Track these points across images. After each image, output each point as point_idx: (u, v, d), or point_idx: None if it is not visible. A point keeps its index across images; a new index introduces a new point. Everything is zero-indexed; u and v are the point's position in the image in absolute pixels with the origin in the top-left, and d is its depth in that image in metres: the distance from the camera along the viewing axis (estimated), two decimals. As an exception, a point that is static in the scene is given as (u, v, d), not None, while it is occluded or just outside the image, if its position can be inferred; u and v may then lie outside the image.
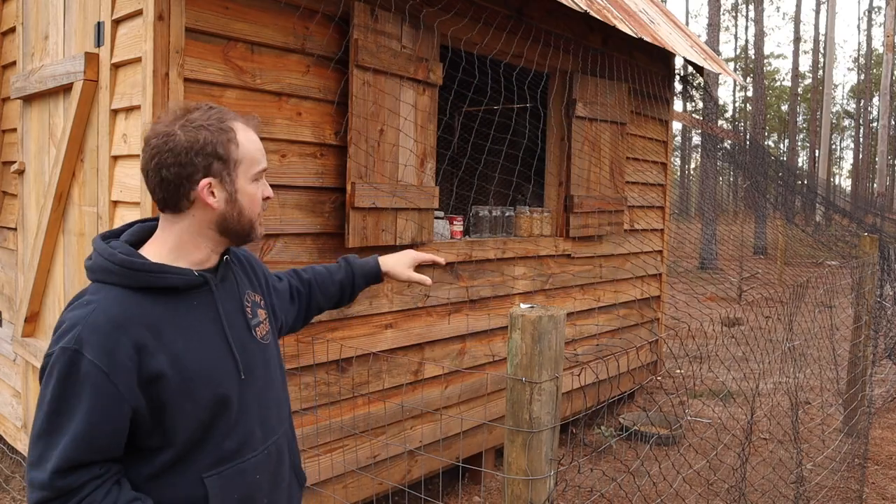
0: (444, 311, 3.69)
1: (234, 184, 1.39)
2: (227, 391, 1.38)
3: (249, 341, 1.46)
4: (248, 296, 1.53)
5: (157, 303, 1.33)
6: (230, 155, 1.37)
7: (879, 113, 21.07)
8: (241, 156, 1.39)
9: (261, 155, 1.44)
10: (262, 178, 1.45)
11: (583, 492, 3.85)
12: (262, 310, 1.56)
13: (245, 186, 1.41)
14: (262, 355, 1.50)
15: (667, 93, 5.53)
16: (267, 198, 1.47)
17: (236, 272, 1.54)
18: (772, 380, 5.48)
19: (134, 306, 1.30)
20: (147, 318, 1.30)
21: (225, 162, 1.37)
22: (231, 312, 1.45)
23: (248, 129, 1.43)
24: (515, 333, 1.60)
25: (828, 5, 21.60)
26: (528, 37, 4.03)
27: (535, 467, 1.60)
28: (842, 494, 3.84)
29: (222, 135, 1.37)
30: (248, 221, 1.43)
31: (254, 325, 1.50)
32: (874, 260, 4.61)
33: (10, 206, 3.67)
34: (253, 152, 1.42)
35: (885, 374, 6.51)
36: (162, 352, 1.29)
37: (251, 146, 1.41)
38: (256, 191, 1.43)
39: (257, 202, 1.44)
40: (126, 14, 2.58)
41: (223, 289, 1.45)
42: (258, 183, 1.44)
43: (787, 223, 11.62)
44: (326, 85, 3.01)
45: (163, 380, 1.28)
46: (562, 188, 4.50)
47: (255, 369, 1.47)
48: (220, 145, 1.36)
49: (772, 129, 41.44)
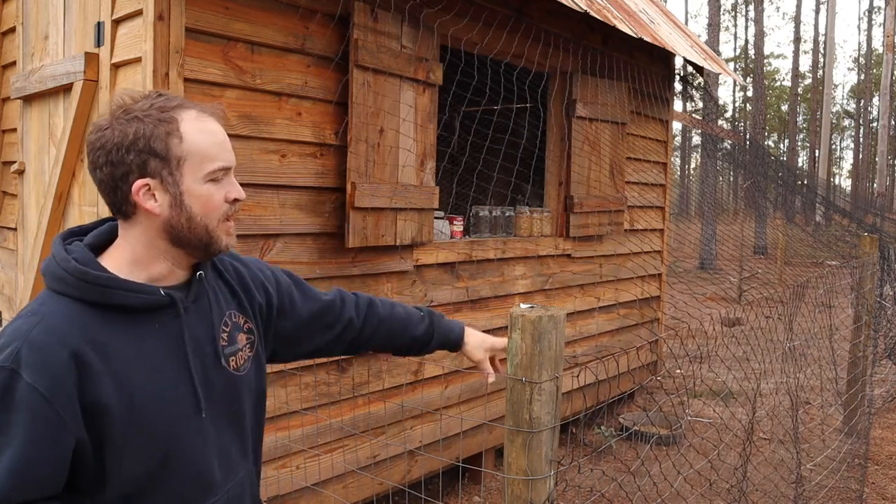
0: (444, 311, 3.69)
1: (178, 185, 1.17)
2: (181, 429, 1.20)
3: (218, 373, 1.27)
4: (228, 318, 1.33)
5: (113, 322, 1.15)
6: (170, 150, 1.16)
7: (879, 113, 21.08)
8: (186, 151, 1.17)
9: (218, 150, 1.21)
10: (224, 177, 1.22)
11: (583, 492, 3.85)
12: (243, 334, 1.35)
13: (194, 187, 1.18)
14: (232, 388, 1.31)
15: (667, 93, 5.53)
16: (235, 199, 1.23)
17: (216, 290, 1.34)
18: (772, 380, 5.48)
19: (85, 324, 1.12)
20: (98, 339, 1.12)
21: (164, 159, 1.16)
22: (200, 339, 1.25)
23: (204, 119, 1.21)
24: (515, 333, 1.60)
25: (828, 5, 21.60)
26: (529, 37, 4.03)
27: (535, 467, 1.60)
28: (842, 494, 3.84)
29: (160, 127, 1.16)
30: (203, 229, 1.20)
31: (227, 354, 1.30)
32: (874, 260, 4.61)
33: (10, 206, 3.67)
34: (204, 146, 1.19)
35: (885, 374, 6.51)
36: (111, 379, 1.11)
37: (202, 139, 1.19)
38: (213, 192, 1.20)
39: (215, 206, 1.20)
40: (126, 14, 2.58)
41: (195, 311, 1.25)
42: (217, 183, 1.21)
43: (787, 223, 11.63)
44: (326, 85, 3.01)
45: (108, 411, 1.10)
46: (562, 188, 4.50)
47: (221, 404, 1.28)
48: (155, 139, 1.15)
49: (772, 129, 41.44)
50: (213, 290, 1.32)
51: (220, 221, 1.22)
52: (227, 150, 1.24)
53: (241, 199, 1.25)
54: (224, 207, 1.22)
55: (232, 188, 1.24)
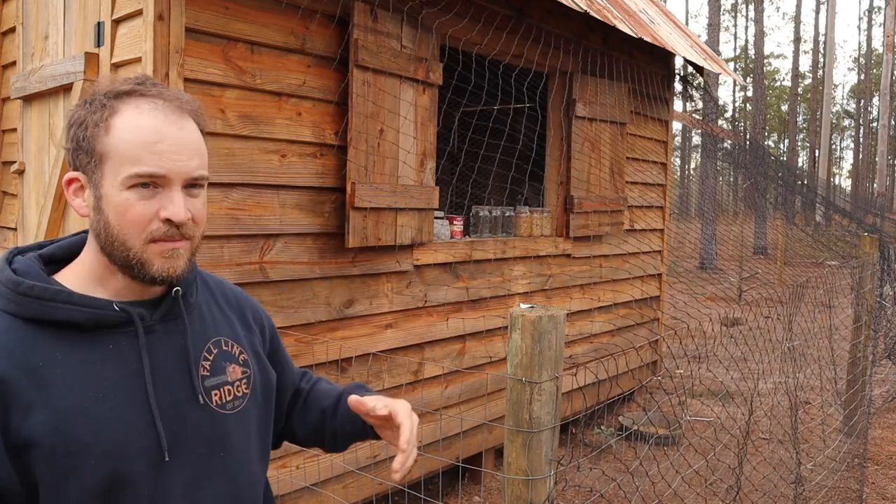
0: (444, 311, 3.69)
1: (98, 185, 1.00)
2: (130, 472, 0.97)
3: (191, 408, 1.05)
4: (214, 345, 1.12)
5: (56, 343, 0.98)
6: (94, 144, 0.99)
7: (879, 113, 21.08)
8: (110, 148, 0.98)
9: (144, 152, 0.97)
10: (158, 187, 0.99)
11: (583, 492, 3.85)
12: (236, 366, 1.13)
13: (111, 193, 0.98)
14: (214, 429, 1.07)
15: (667, 93, 5.53)
16: (167, 220, 0.99)
17: (203, 312, 1.14)
18: (771, 380, 5.49)
19: (18, 345, 0.96)
20: (32, 363, 0.95)
21: (88, 152, 1.00)
22: (165, 365, 1.04)
23: (149, 114, 0.99)
24: (515, 333, 1.60)
25: (828, 5, 21.60)
26: (528, 37, 4.04)
27: (535, 467, 1.60)
28: (842, 494, 3.84)
29: (95, 114, 1.00)
30: (121, 246, 0.99)
31: (208, 387, 1.07)
32: (874, 260, 4.61)
33: (10, 206, 3.67)
34: (127, 146, 0.97)
35: (885, 374, 6.51)
36: (44, 410, 0.94)
37: (128, 136, 0.98)
38: (133, 204, 0.98)
39: (133, 221, 0.98)
40: (126, 14, 2.58)
41: (165, 332, 1.05)
42: (142, 193, 0.98)
43: (786, 223, 11.63)
44: (326, 85, 3.01)
45: (39, 447, 0.93)
46: (562, 188, 4.50)
47: (194, 448, 1.04)
48: (85, 128, 1.00)
49: (772, 129, 41.44)
50: (197, 312, 1.13)
51: (146, 242, 0.99)
52: (164, 156, 0.98)
53: (176, 221, 0.99)
54: (151, 226, 0.99)
55: (169, 205, 0.99)
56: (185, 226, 1.01)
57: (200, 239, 1.07)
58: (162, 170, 0.98)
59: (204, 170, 1.04)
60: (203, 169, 1.04)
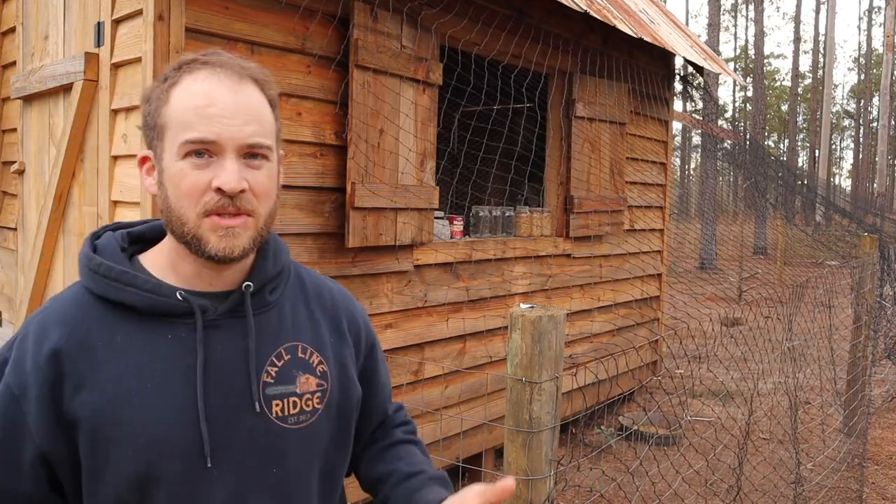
0: (444, 311, 3.69)
1: (161, 159, 0.95)
2: (166, 472, 0.91)
3: (245, 415, 0.96)
4: (287, 350, 1.02)
5: (119, 323, 0.95)
6: (156, 118, 0.94)
7: (879, 113, 21.08)
8: (168, 118, 0.93)
9: (193, 117, 0.91)
10: (210, 155, 0.92)
11: (583, 492, 3.85)
12: (310, 377, 1.02)
13: (169, 164, 0.93)
14: (269, 441, 0.98)
15: (667, 93, 5.53)
16: (219, 189, 0.91)
17: (285, 311, 1.05)
18: (771, 380, 5.49)
19: (83, 319, 0.94)
20: (91, 339, 0.93)
21: (152, 128, 0.96)
22: (224, 364, 0.96)
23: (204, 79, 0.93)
24: (515, 333, 1.60)
25: (828, 5, 21.60)
26: (528, 37, 4.04)
27: (535, 467, 1.60)
28: (842, 494, 3.84)
29: (158, 88, 0.95)
30: (178, 221, 0.93)
31: (269, 396, 0.98)
32: (874, 260, 4.61)
33: (10, 206, 3.67)
34: (180, 112, 0.92)
35: (885, 374, 6.51)
36: (93, 389, 0.91)
37: (181, 103, 0.92)
38: (187, 173, 0.92)
39: (187, 191, 0.92)
40: (126, 14, 2.58)
41: (228, 327, 0.98)
42: (195, 161, 0.92)
43: (787, 223, 11.63)
44: (326, 85, 3.01)
45: (82, 427, 0.91)
46: (562, 188, 4.50)
47: (243, 459, 0.96)
48: (150, 103, 0.96)
49: (772, 129, 41.45)
50: (277, 311, 1.04)
51: (200, 215, 0.92)
52: (214, 119, 0.91)
53: (227, 190, 0.91)
54: (205, 197, 0.92)
55: (221, 172, 0.91)
56: (241, 198, 0.92)
57: (268, 217, 0.99)
58: (211, 134, 0.91)
59: (264, 138, 0.95)
60: (262, 136, 0.94)
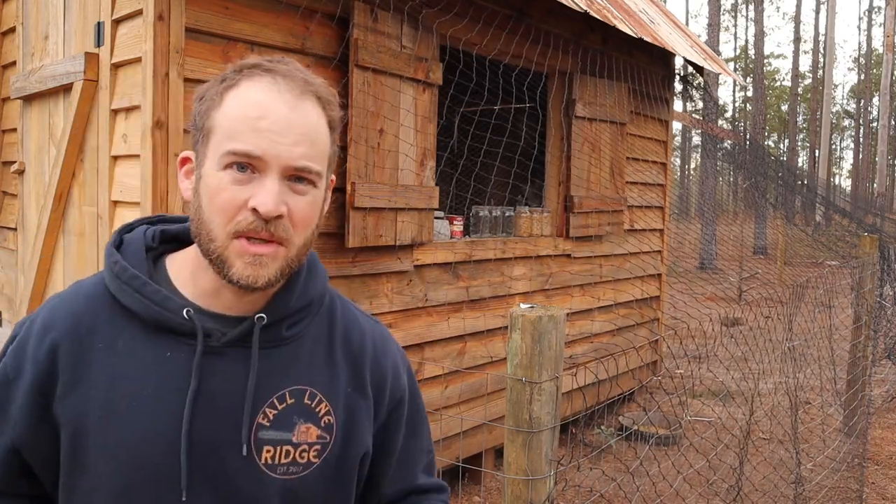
0: (444, 310, 3.69)
1: (202, 164, 0.88)
2: (139, 497, 0.86)
3: (231, 455, 0.88)
4: (293, 394, 0.92)
5: (124, 328, 0.89)
6: (205, 119, 0.88)
7: (879, 113, 21.09)
8: (216, 122, 0.86)
9: (244, 127, 0.84)
10: (255, 170, 0.84)
11: (583, 492, 3.85)
12: (312, 427, 0.93)
13: (209, 172, 0.86)
14: (251, 488, 0.89)
15: (667, 93, 5.53)
16: (254, 210, 0.83)
17: (301, 350, 0.95)
18: (772, 380, 5.49)
19: (90, 315, 0.89)
20: (93, 340, 0.88)
21: (199, 129, 0.89)
22: (220, 396, 0.88)
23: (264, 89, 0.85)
24: (515, 333, 1.60)
25: (828, 5, 21.61)
26: (528, 37, 4.03)
27: (535, 467, 1.60)
28: (842, 494, 3.84)
29: (215, 87, 0.89)
30: (207, 235, 0.86)
31: (262, 439, 0.90)
32: (874, 260, 4.61)
33: (10, 206, 3.67)
34: (232, 120, 0.85)
35: (885, 374, 6.51)
36: (81, 394, 0.86)
37: (233, 109, 0.85)
38: (226, 186, 0.84)
39: (221, 205, 0.84)
40: (126, 14, 2.58)
41: (233, 357, 0.90)
42: (236, 175, 0.84)
43: (787, 223, 11.64)
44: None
45: (64, 430, 0.87)
46: (562, 188, 4.50)
47: (218, 499, 0.88)
48: (203, 101, 0.89)
49: (772, 129, 41.45)
50: (293, 348, 0.94)
51: (230, 234, 0.84)
52: (263, 134, 0.83)
53: (262, 212, 0.83)
54: (239, 215, 0.84)
55: (259, 191, 0.83)
56: (276, 224, 0.84)
57: (303, 248, 0.91)
58: (258, 149, 0.83)
59: (314, 162, 0.86)
60: (312, 160, 0.86)
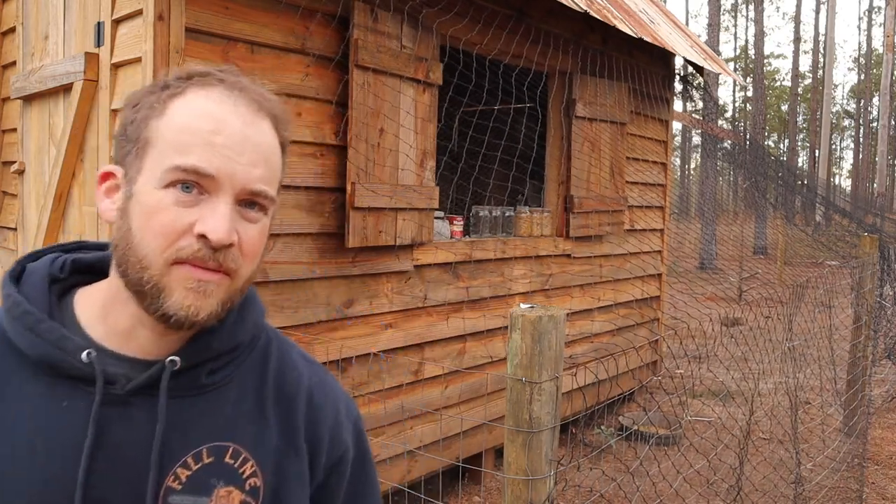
0: (444, 310, 3.69)
1: (133, 180, 0.75)
2: None
3: None
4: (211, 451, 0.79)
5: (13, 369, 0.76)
6: (142, 129, 0.76)
7: (879, 113, 21.08)
8: (158, 133, 0.74)
9: (194, 140, 0.73)
10: (202, 190, 0.73)
11: (583, 492, 3.85)
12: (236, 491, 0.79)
13: (144, 190, 0.74)
14: None
15: (667, 93, 5.53)
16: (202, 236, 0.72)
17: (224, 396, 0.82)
18: (772, 380, 5.49)
19: None
20: None
21: (133, 140, 0.76)
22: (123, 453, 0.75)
23: (221, 101, 0.76)
24: (515, 333, 1.60)
25: (828, 5, 21.60)
26: (528, 37, 4.03)
27: (535, 467, 1.60)
28: (842, 494, 3.84)
29: (154, 94, 0.77)
30: (137, 263, 0.73)
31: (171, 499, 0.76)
32: (874, 260, 4.61)
33: (10, 206, 3.67)
34: (180, 132, 0.74)
35: (885, 374, 6.51)
36: None
37: (185, 120, 0.74)
38: (166, 206, 0.73)
39: (159, 228, 0.72)
40: (126, 14, 2.58)
41: (140, 406, 0.76)
42: (180, 195, 0.73)
43: (787, 223, 11.64)
44: (326, 85, 3.01)
45: None
46: (562, 188, 4.50)
47: None
48: (138, 109, 0.77)
49: (772, 129, 41.45)
50: (215, 396, 0.81)
51: (169, 262, 0.73)
52: (219, 150, 0.73)
53: (213, 241, 0.72)
54: (181, 241, 0.73)
55: (210, 216, 0.73)
56: (226, 254, 0.74)
57: (247, 282, 0.79)
58: (211, 167, 0.73)
59: (269, 186, 0.77)
60: (268, 184, 0.77)
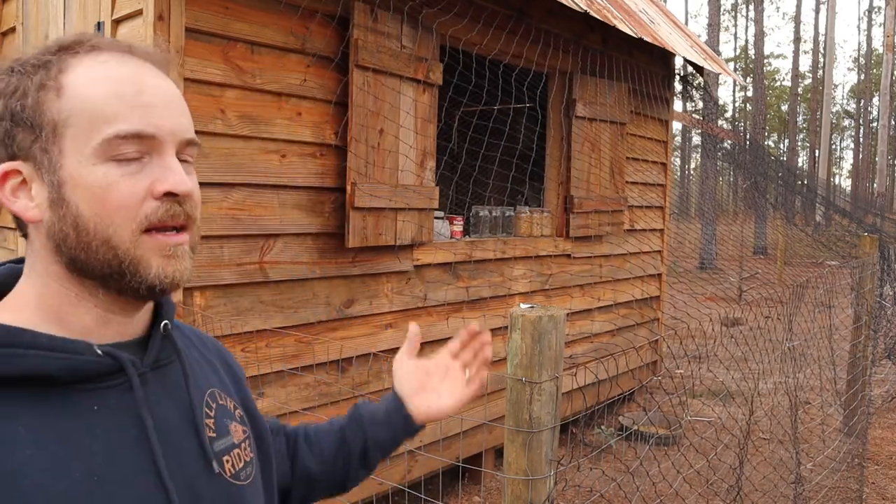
0: (444, 311, 3.69)
1: (55, 168, 0.70)
2: None
3: (208, 482, 0.78)
4: (210, 397, 0.84)
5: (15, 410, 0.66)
6: (43, 114, 0.70)
7: (879, 113, 21.08)
8: (67, 112, 0.69)
9: (120, 105, 0.70)
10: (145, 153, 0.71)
11: (583, 492, 3.85)
12: (237, 424, 0.86)
13: (80, 172, 0.69)
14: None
15: (667, 93, 5.53)
16: (168, 193, 0.71)
17: (189, 354, 0.85)
18: (772, 380, 5.49)
19: None
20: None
21: (33, 128, 0.70)
22: (172, 427, 0.76)
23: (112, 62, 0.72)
24: (515, 333, 1.60)
25: (828, 5, 21.60)
26: (528, 37, 4.04)
27: (535, 467, 1.60)
28: (842, 494, 3.84)
29: (33, 76, 0.71)
30: (104, 244, 0.70)
31: (219, 452, 0.80)
32: (874, 260, 4.61)
33: (10, 206, 3.67)
34: (100, 102, 0.70)
35: (885, 374, 6.51)
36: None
37: (94, 90, 0.70)
38: (116, 180, 0.69)
39: (119, 203, 0.69)
40: (126, 14, 2.58)
41: (159, 383, 0.77)
42: (126, 165, 0.70)
43: (787, 223, 11.64)
44: (326, 85, 3.01)
45: None
46: (562, 188, 4.50)
47: None
48: (22, 96, 0.70)
49: (772, 129, 41.45)
50: (182, 353, 0.82)
51: (138, 232, 0.70)
52: (151, 109, 0.71)
53: (180, 192, 0.72)
54: (144, 207, 0.70)
55: (167, 173, 0.71)
56: (190, 203, 0.74)
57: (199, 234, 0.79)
58: (151, 127, 0.70)
59: (194, 135, 0.78)
60: (193, 133, 0.77)
